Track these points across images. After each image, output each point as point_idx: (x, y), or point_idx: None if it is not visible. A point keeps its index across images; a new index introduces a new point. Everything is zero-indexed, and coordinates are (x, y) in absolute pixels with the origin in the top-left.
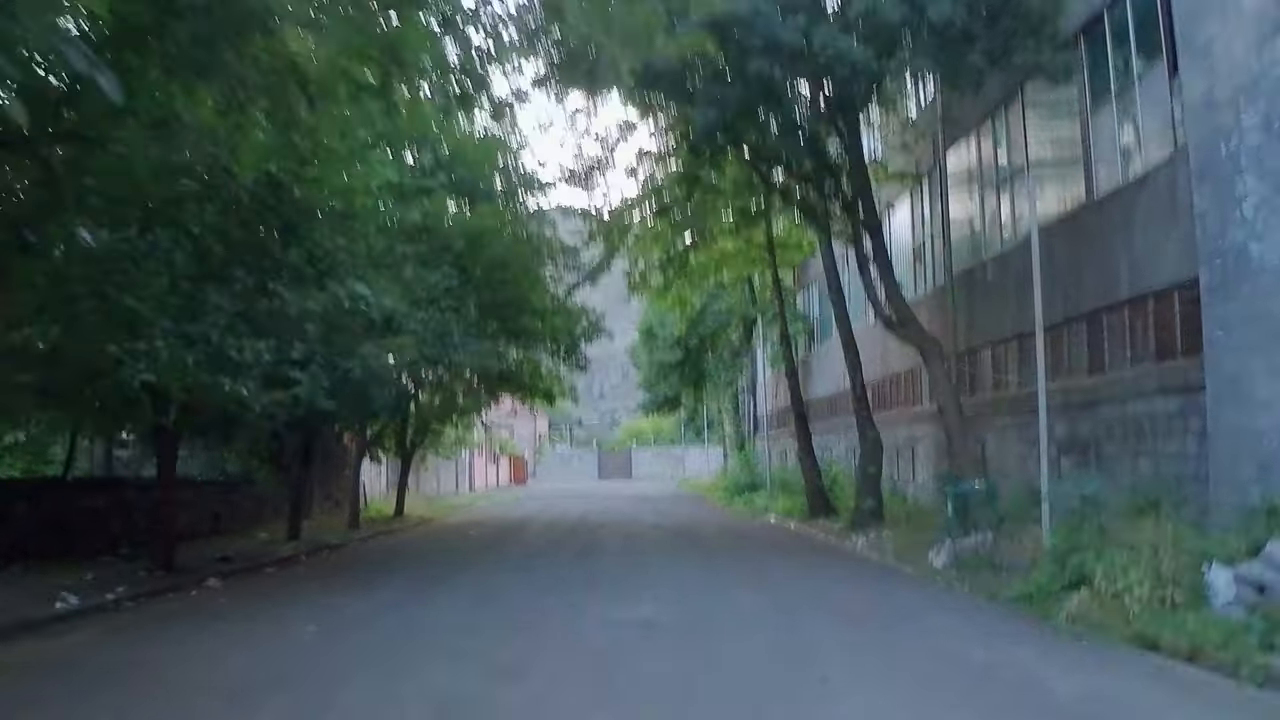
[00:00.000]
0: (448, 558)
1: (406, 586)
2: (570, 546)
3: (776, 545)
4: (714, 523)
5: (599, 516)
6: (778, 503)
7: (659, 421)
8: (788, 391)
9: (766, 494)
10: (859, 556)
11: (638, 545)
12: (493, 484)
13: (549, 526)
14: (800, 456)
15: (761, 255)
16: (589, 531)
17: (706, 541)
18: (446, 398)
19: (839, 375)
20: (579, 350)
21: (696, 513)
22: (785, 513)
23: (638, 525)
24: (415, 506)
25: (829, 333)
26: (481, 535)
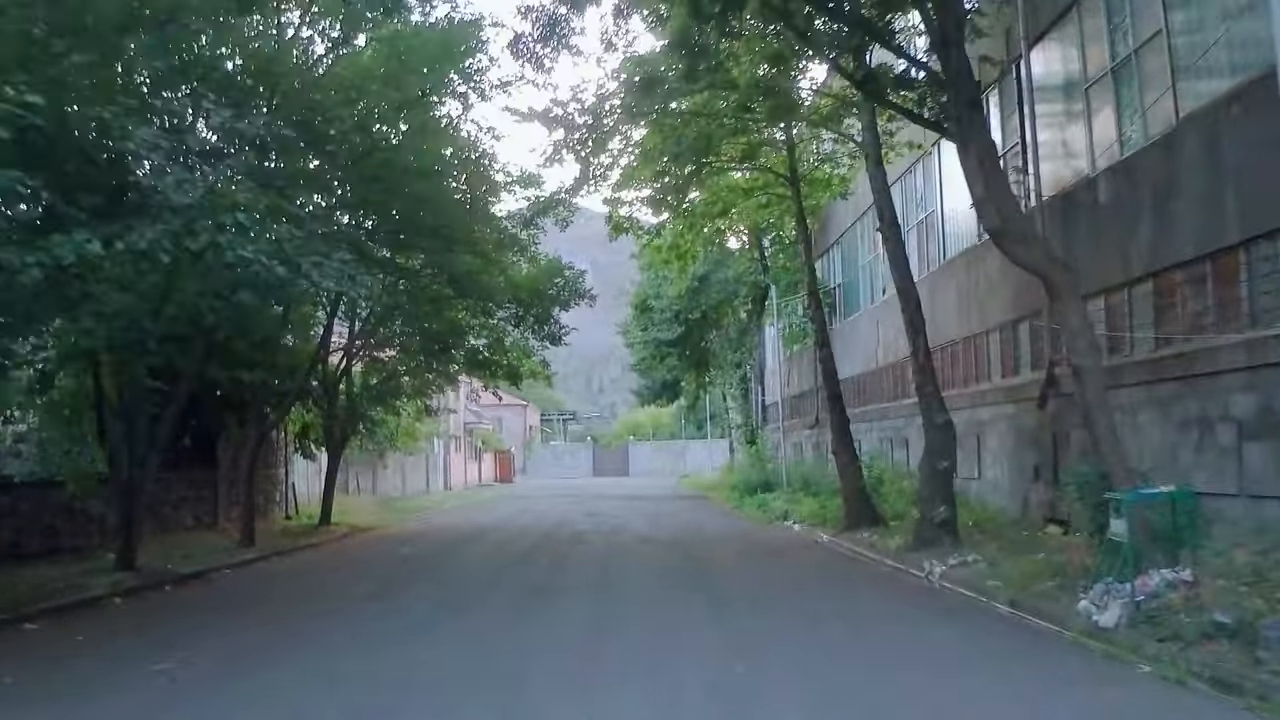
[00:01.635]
0: (331, 599)
1: (199, 674)
2: (522, 578)
3: (820, 575)
4: (724, 534)
5: (580, 523)
6: (800, 506)
7: (658, 414)
8: (803, 375)
9: (783, 494)
10: (948, 597)
11: (620, 575)
12: (474, 482)
13: (511, 540)
14: (835, 449)
15: (778, 195)
16: (559, 549)
17: (717, 569)
18: (385, 377)
19: (870, 352)
20: (553, 319)
21: (700, 519)
22: (812, 519)
23: (625, 537)
24: (360, 512)
25: (855, 305)
26: (415, 555)
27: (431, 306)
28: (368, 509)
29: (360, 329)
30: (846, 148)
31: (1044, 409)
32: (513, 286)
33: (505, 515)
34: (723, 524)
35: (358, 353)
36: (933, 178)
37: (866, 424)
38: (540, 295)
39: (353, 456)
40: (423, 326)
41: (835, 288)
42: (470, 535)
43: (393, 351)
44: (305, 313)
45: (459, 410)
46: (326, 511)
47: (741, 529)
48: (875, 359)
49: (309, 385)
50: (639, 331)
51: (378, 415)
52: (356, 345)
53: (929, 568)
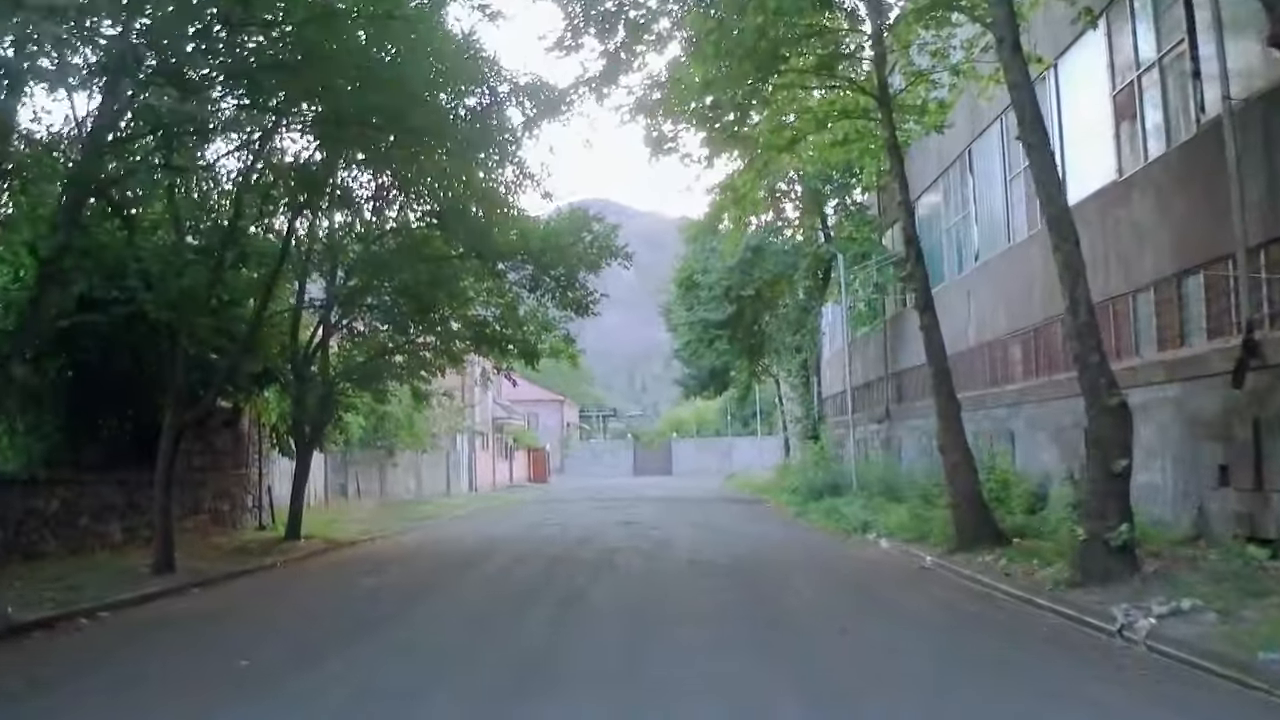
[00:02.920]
0: (175, 688)
1: None
2: (507, 646)
3: (960, 636)
4: (795, 553)
5: (612, 537)
6: (884, 516)
7: (702, 410)
8: (869, 361)
9: (856, 499)
10: (1185, 678)
11: (658, 638)
12: (504, 482)
13: (518, 562)
14: (942, 444)
15: (857, 131)
16: (576, 583)
17: (803, 621)
18: (371, 354)
19: (958, 331)
20: (579, 283)
21: (761, 530)
22: (903, 533)
23: (668, 560)
24: (353, 520)
25: (937, 276)
26: (379, 590)
27: (426, 267)
28: (364, 516)
29: (340, 293)
30: (947, 62)
31: (1240, 388)
32: (525, 238)
33: (526, 524)
34: (789, 537)
35: (337, 324)
36: (1047, 102)
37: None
38: (562, 252)
39: (355, 454)
40: (411, 289)
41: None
42: (470, 555)
43: (380, 326)
44: (255, 277)
45: (482, 403)
46: (294, 523)
47: (814, 545)
48: (966, 338)
49: (276, 364)
50: (683, 311)
51: (360, 402)
52: (335, 314)
53: (1125, 619)
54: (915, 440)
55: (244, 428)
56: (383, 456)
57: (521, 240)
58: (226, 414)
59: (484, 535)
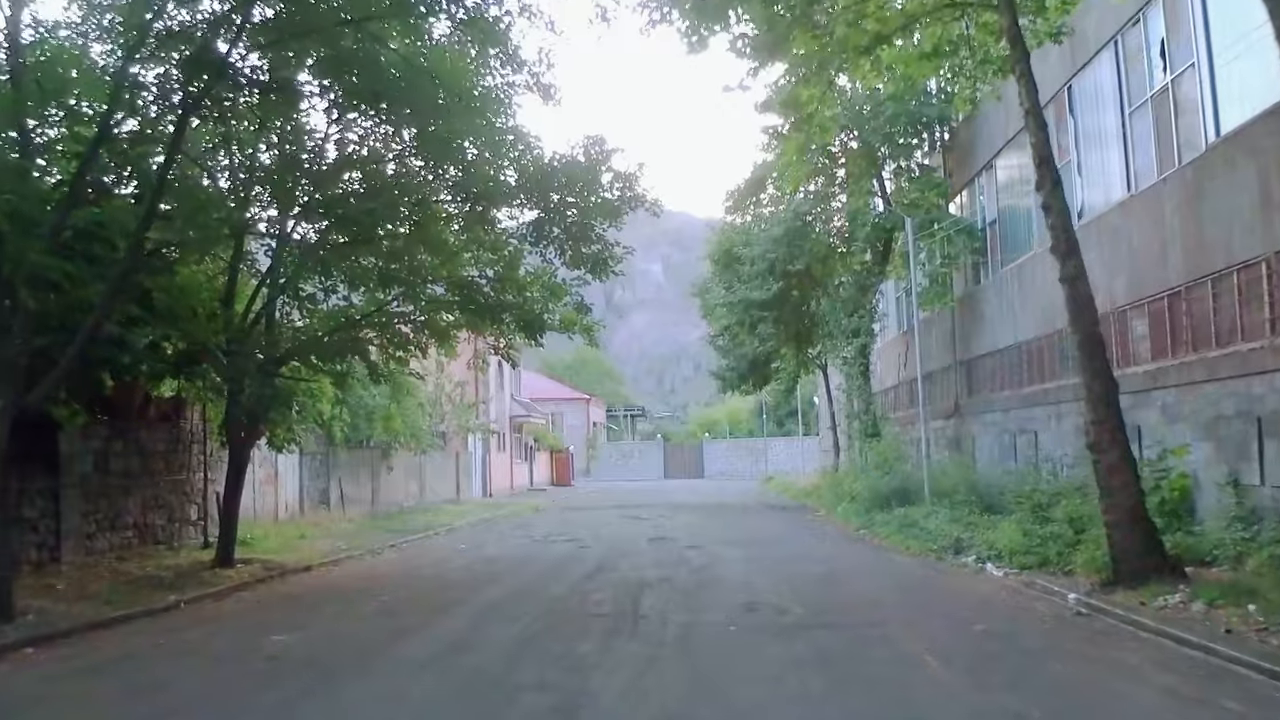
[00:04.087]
0: None
1: None
2: None
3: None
4: (887, 593)
5: (639, 561)
6: (981, 533)
7: (735, 409)
8: (936, 346)
9: (940, 510)
10: None
11: None
12: (523, 486)
13: (505, 606)
14: (1095, 441)
15: (958, 33)
16: (576, 653)
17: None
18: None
19: (1055, 304)
20: (594, 235)
21: (821, 550)
22: (1018, 558)
23: (715, 608)
24: (324, 534)
25: (1021, 245)
26: (285, 656)
27: (400, 211)
28: (343, 530)
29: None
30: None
31: None
32: (525, 173)
33: (536, 539)
34: (864, 562)
35: (285, 286)
36: (1184, 16)
37: (1044, 408)
38: (573, 191)
39: (340, 456)
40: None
41: (986, 227)
42: (445, 592)
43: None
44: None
45: (497, 399)
46: (226, 543)
47: (904, 576)
48: (1063, 315)
49: (203, 337)
50: (721, 291)
51: (317, 388)
52: (283, 273)
53: None
54: (994, 438)
55: (187, 423)
56: (375, 458)
57: (522, 175)
58: (164, 406)
59: (478, 558)
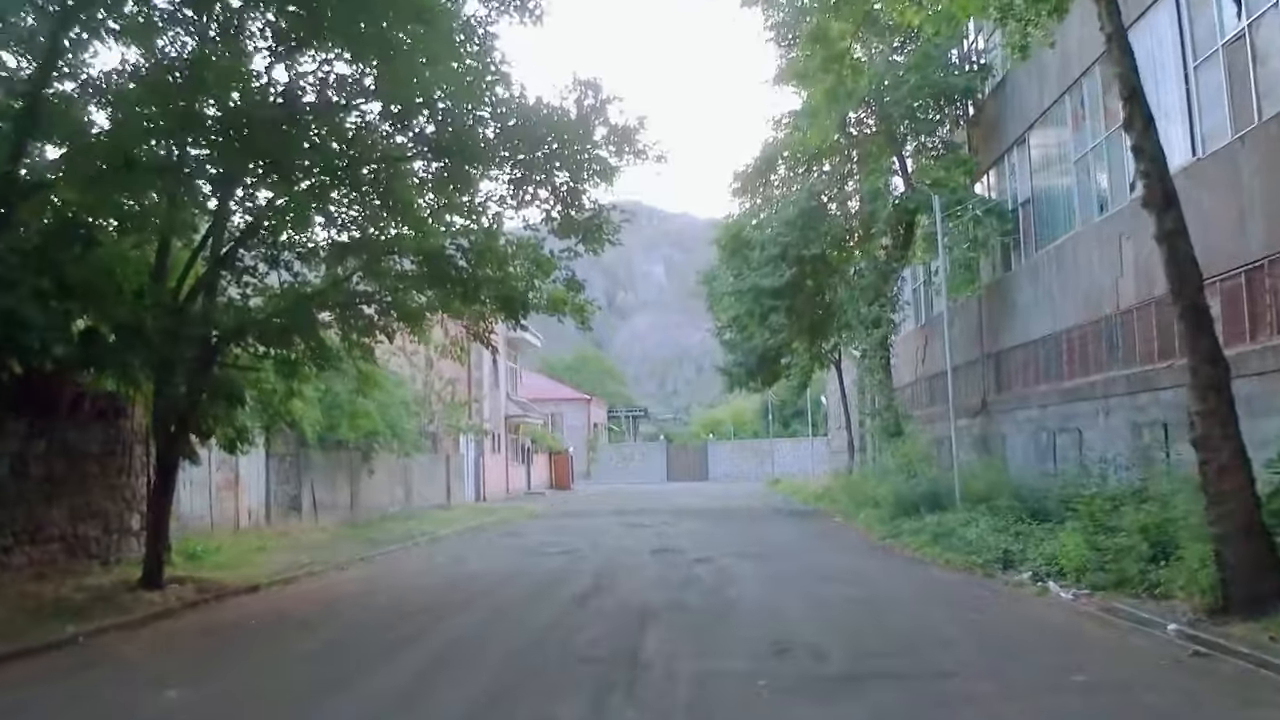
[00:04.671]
0: None
1: None
2: None
3: None
4: (942, 625)
5: (639, 580)
6: (1034, 545)
7: (740, 409)
8: (963, 337)
9: (979, 518)
10: None
11: None
12: (520, 489)
13: (461, 652)
14: (1201, 438)
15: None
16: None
17: None
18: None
19: (1100, 289)
20: (585, 194)
21: (848, 564)
22: (1084, 576)
23: (735, 654)
24: (289, 545)
25: (1061, 225)
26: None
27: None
28: (312, 540)
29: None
30: None
31: None
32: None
33: (525, 551)
34: (901, 579)
35: (228, 257)
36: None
37: (1090, 403)
38: (563, 147)
39: (312, 457)
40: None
41: (1018, 208)
42: (406, 622)
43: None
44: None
45: (492, 398)
46: (153, 561)
47: (953, 597)
48: (1112, 299)
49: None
50: (730, 278)
51: (266, 380)
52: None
53: None
54: (1028, 437)
55: (129, 422)
56: (354, 460)
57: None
58: (100, 402)
59: (455, 574)
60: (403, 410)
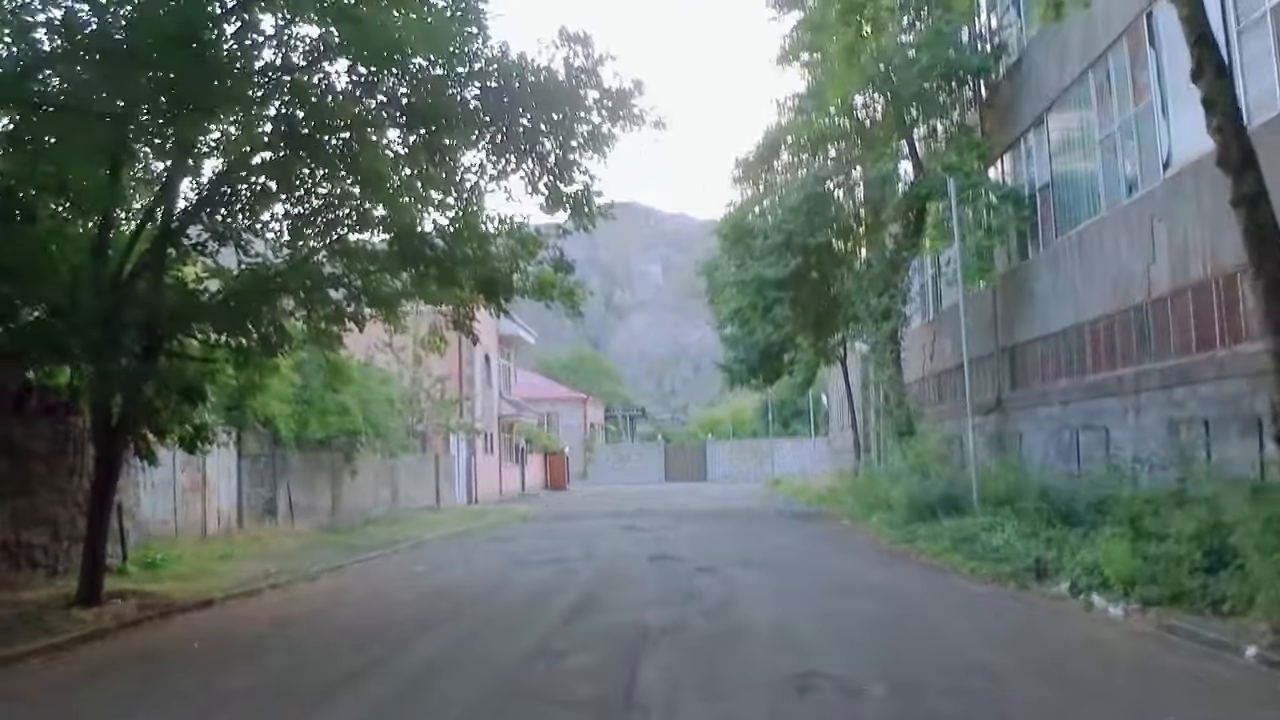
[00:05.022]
0: None
1: None
2: None
3: None
4: (978, 647)
5: (634, 599)
6: (1069, 553)
7: (738, 409)
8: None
9: (1005, 522)
10: None
11: None
12: (514, 490)
13: (407, 697)
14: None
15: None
16: None
17: None
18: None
19: (1130, 276)
20: (573, 160)
21: (865, 573)
22: (1133, 588)
23: (754, 687)
24: (266, 552)
25: (1084, 210)
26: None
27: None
28: (284, 548)
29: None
30: None
31: None
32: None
33: (512, 559)
34: (925, 591)
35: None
36: None
37: (1118, 399)
38: (548, 106)
39: (290, 458)
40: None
41: (1035, 193)
42: (363, 651)
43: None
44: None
45: (484, 396)
46: (91, 573)
47: (990, 613)
48: (1143, 287)
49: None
50: (732, 268)
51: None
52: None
53: None
54: (1047, 435)
55: (81, 420)
56: (336, 462)
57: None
58: (47, 396)
59: (431, 586)
60: (387, 408)
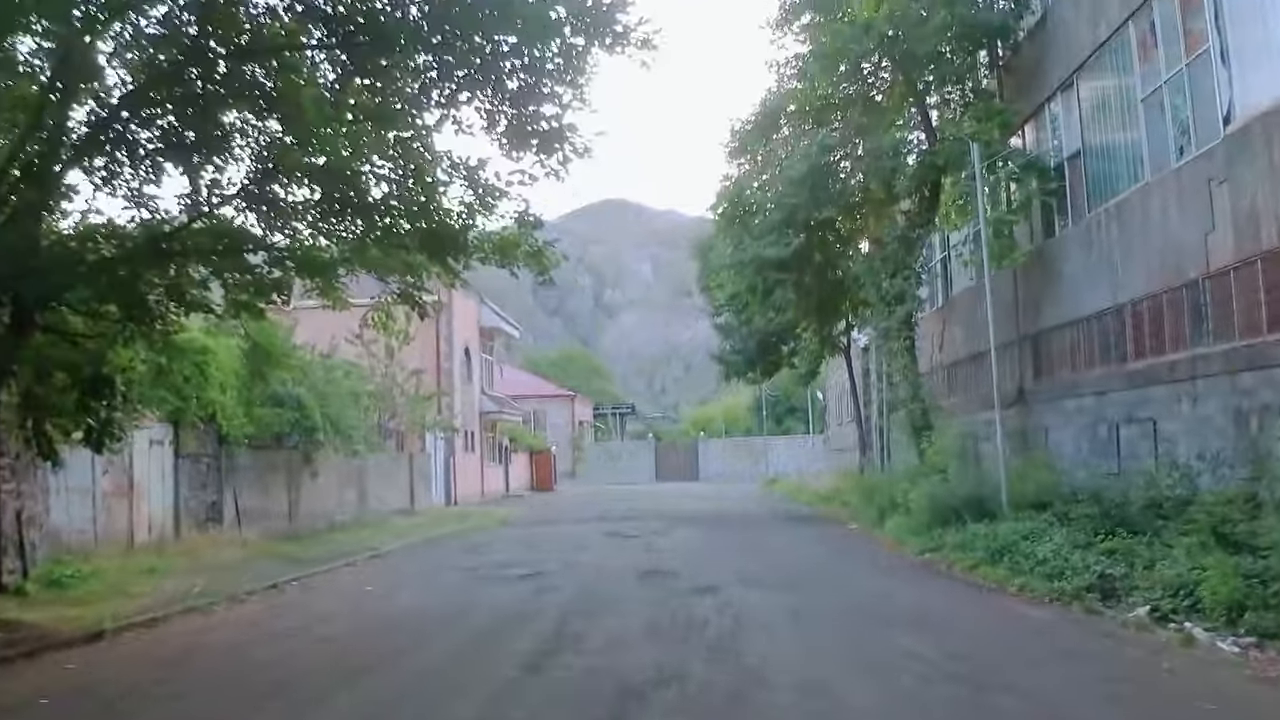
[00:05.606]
0: None
1: None
2: None
3: None
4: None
5: (617, 637)
6: (1138, 567)
7: (732, 405)
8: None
9: (1052, 531)
10: None
11: None
12: (497, 491)
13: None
14: None
15: None
16: None
17: None
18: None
19: (1187, 244)
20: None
21: (902, 595)
22: (1257, 620)
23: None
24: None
25: (1123, 180)
26: None
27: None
28: (222, 559)
29: None
30: None
31: None
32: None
33: (478, 576)
34: (979, 619)
35: (47, 174)
36: None
37: (1168, 387)
38: (509, 23)
39: (240, 458)
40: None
41: (1063, 163)
42: (259, 711)
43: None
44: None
45: (464, 392)
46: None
47: (1068, 650)
48: (1199, 260)
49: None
50: (728, 250)
51: (128, 348)
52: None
53: None
54: (1079, 430)
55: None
56: (295, 462)
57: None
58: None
59: (375, 614)
60: (351, 402)
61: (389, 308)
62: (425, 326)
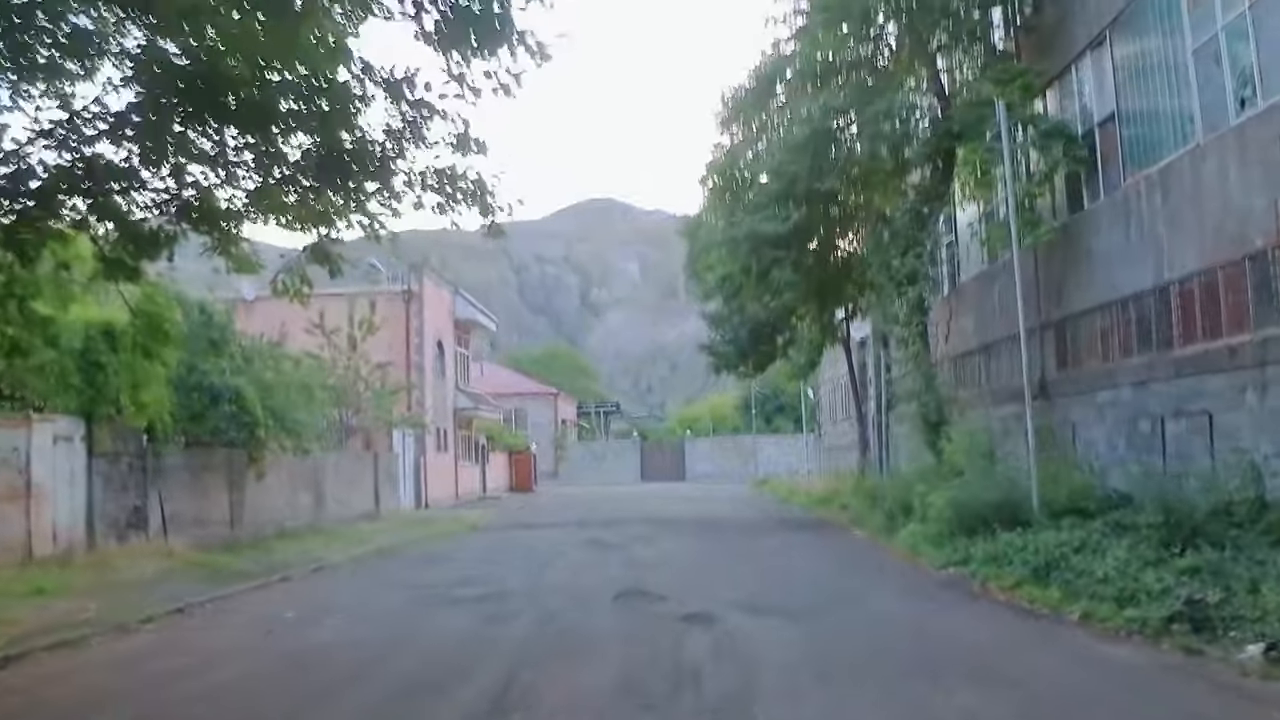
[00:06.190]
0: None
1: None
2: None
3: None
4: None
5: (582, 693)
6: (1248, 591)
7: (719, 403)
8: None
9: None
10: None
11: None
12: (472, 492)
13: None
14: None
15: None
16: None
17: None
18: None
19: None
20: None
21: (936, 624)
22: None
23: None
24: (101, 583)
25: (1168, 143)
26: None
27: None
28: (134, 575)
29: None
30: None
31: None
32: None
33: (424, 599)
34: (1048, 669)
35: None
36: None
37: (1226, 376)
38: None
39: (167, 458)
40: None
41: (1093, 129)
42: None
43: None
44: None
45: (437, 388)
46: None
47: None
48: (1267, 227)
49: None
50: (720, 226)
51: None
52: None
53: None
54: (1113, 425)
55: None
56: (236, 461)
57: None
58: None
59: (278, 656)
60: (301, 396)
61: (303, 269)
62: (394, 316)
